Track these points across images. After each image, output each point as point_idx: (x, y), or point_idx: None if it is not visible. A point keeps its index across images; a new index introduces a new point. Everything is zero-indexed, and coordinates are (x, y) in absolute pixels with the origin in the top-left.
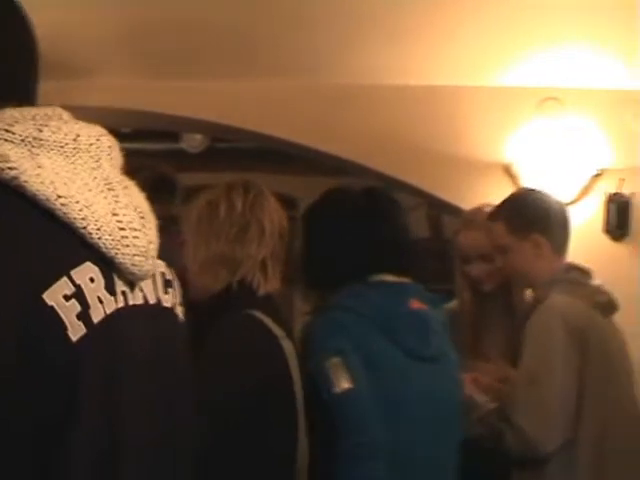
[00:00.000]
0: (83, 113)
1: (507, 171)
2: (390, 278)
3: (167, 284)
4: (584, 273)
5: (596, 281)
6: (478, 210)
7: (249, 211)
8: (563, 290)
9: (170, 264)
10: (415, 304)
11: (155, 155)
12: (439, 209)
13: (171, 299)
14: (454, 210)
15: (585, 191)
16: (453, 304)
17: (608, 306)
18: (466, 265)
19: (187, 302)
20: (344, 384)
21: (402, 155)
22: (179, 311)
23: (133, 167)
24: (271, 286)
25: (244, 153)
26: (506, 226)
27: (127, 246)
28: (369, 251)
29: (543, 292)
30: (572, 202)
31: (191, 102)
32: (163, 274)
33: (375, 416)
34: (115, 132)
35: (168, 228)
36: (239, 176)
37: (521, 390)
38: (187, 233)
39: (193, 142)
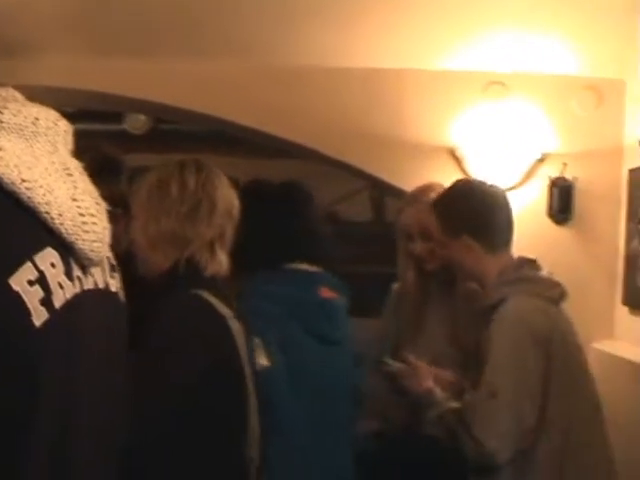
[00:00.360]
0: (26, 92)
1: (452, 154)
2: (302, 267)
3: (112, 269)
4: (534, 266)
5: (545, 272)
6: (423, 188)
7: (201, 190)
8: (519, 289)
9: (113, 248)
10: (325, 292)
11: (98, 136)
12: (383, 192)
13: (116, 284)
14: (398, 193)
15: (528, 175)
16: (397, 285)
17: (561, 297)
18: (409, 243)
19: (136, 277)
20: (262, 361)
21: (346, 138)
22: (122, 295)
23: (78, 148)
24: (218, 267)
25: (189, 135)
26: (439, 224)
27: (87, 232)
28: (283, 241)
29: (496, 292)
30: (515, 186)
31: (136, 82)
32: (108, 258)
33: (288, 393)
34: (59, 112)
35: (114, 210)
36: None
37: (481, 402)
38: (136, 209)
39: (136, 123)
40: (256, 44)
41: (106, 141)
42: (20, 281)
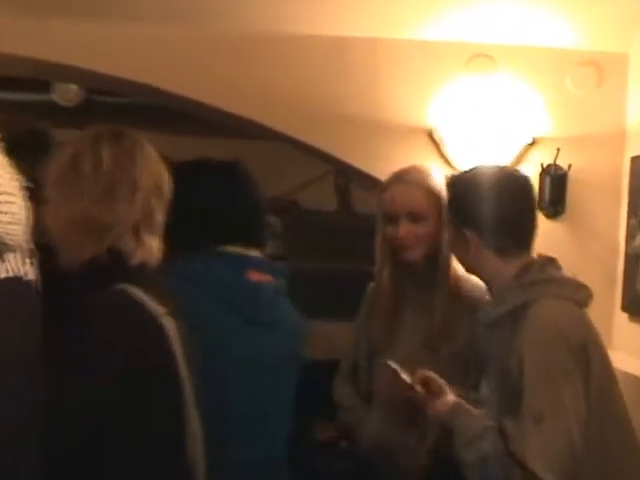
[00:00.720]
0: None
1: (429, 137)
2: (234, 249)
3: (30, 254)
4: (556, 265)
5: (567, 273)
6: (411, 168)
7: (118, 165)
8: (546, 292)
9: (36, 231)
10: (254, 275)
11: (23, 107)
12: (349, 179)
13: (32, 271)
14: (367, 180)
15: (517, 162)
16: (372, 286)
17: (588, 301)
18: (391, 226)
19: (56, 270)
20: None
21: (309, 116)
22: (38, 284)
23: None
24: (147, 254)
25: (126, 109)
26: (448, 207)
27: (2, 213)
28: (216, 222)
29: (515, 296)
30: None
31: (66, 47)
32: (26, 242)
33: (204, 378)
34: None
35: (37, 190)
36: None
37: (529, 430)
38: (48, 190)
39: (66, 94)
40: (206, 8)
41: (32, 113)
42: None
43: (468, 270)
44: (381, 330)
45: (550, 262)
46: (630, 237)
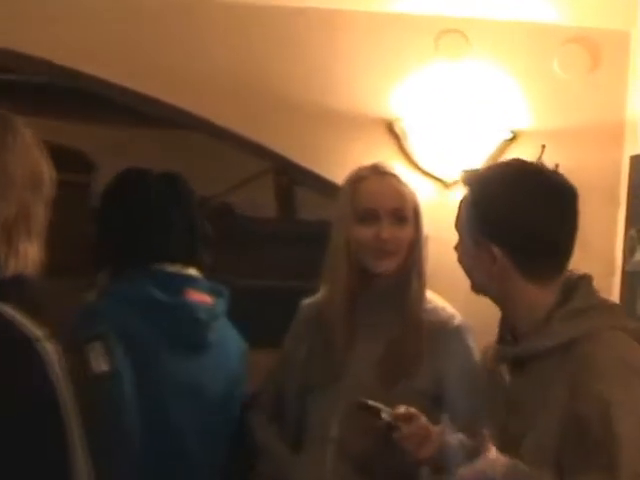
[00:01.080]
0: None
1: (390, 130)
2: (170, 268)
3: None
4: (592, 289)
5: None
6: (381, 162)
7: None
8: (605, 323)
9: None
10: (193, 295)
11: None
12: (292, 178)
13: None
14: (313, 180)
15: (494, 160)
16: (308, 301)
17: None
18: (368, 226)
19: None
20: (102, 366)
21: (245, 102)
22: None
23: None
24: (22, 263)
25: (25, 89)
26: (467, 215)
27: None
28: (151, 240)
29: (561, 329)
30: None
31: None
32: None
33: (131, 400)
34: None
35: None
36: None
37: None
38: None
39: None
40: None
41: None
42: None
43: (487, 295)
44: (327, 360)
45: (591, 282)
46: (629, 252)
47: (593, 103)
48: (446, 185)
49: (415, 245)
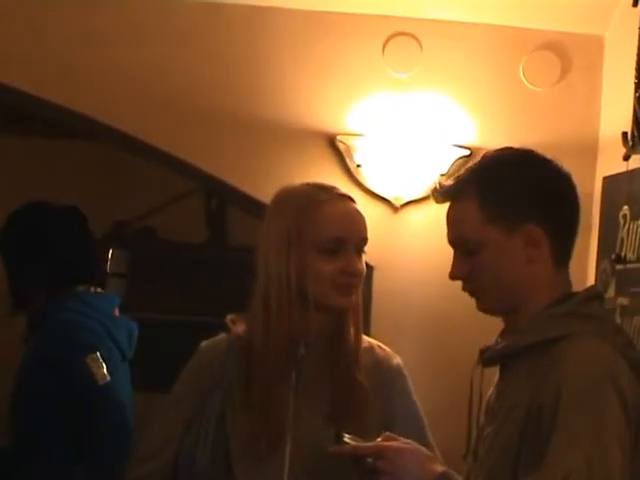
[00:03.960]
0: None
1: (330, 144)
2: (95, 290)
3: None
4: (603, 304)
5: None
6: (335, 185)
7: None
8: (585, 330)
9: None
10: (117, 312)
11: None
12: (223, 200)
13: None
14: (244, 203)
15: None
16: (206, 343)
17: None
18: (329, 258)
19: None
20: (105, 376)
21: (167, 115)
22: None
23: None
24: None
25: None
26: (481, 208)
27: None
28: (73, 264)
29: (550, 326)
30: (429, 196)
31: None
32: None
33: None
34: None
35: None
36: None
37: None
38: None
39: None
40: None
41: None
42: None
43: (504, 302)
44: (262, 417)
45: (598, 297)
46: (602, 286)
47: (563, 116)
48: (395, 208)
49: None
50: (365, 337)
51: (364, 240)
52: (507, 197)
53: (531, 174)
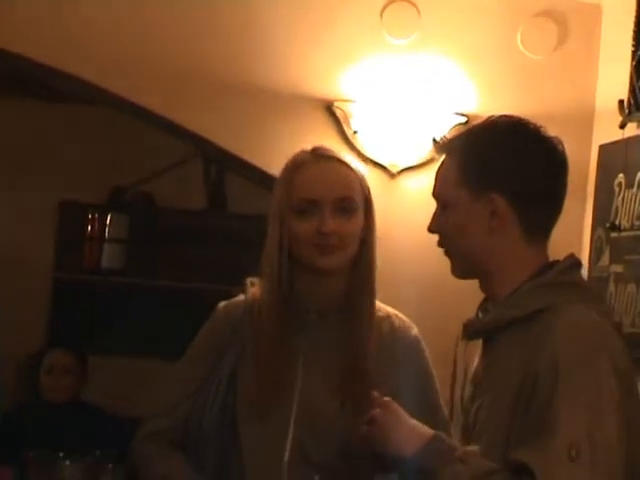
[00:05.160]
0: None
1: (329, 112)
2: None
3: None
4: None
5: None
6: (323, 145)
7: None
8: (573, 298)
9: None
10: None
11: None
12: (224, 167)
13: None
14: (243, 168)
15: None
16: (225, 303)
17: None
18: (308, 219)
19: None
20: None
21: (165, 80)
22: None
23: None
24: None
25: None
26: (459, 167)
27: None
28: None
29: (532, 298)
30: (424, 164)
31: None
32: None
33: None
34: None
35: None
36: None
37: (561, 469)
38: None
39: None
40: None
41: None
42: None
43: (472, 269)
44: (267, 377)
45: (578, 265)
46: (595, 254)
47: (559, 84)
48: (391, 175)
49: (366, 239)
50: (383, 306)
51: (344, 200)
52: (483, 162)
53: (513, 144)
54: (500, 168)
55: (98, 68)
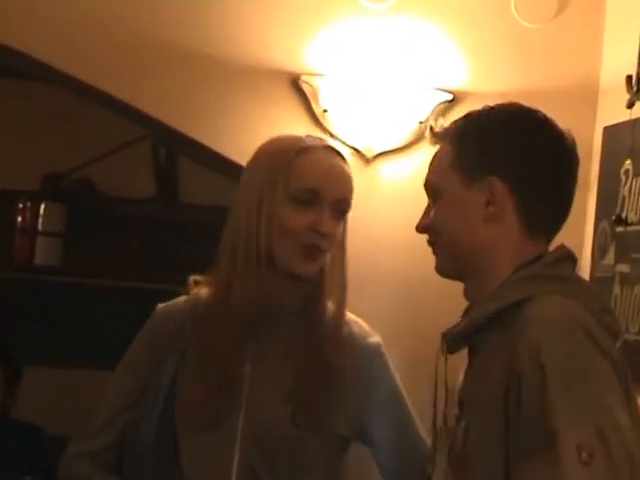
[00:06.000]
0: None
1: (295, 87)
2: None
3: None
4: (575, 268)
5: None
6: (309, 136)
7: None
8: (552, 289)
9: None
10: None
11: None
12: (174, 149)
13: None
14: (197, 152)
15: (428, 127)
16: (163, 306)
17: (616, 333)
18: (300, 210)
19: None
20: None
21: (109, 52)
22: None
23: None
24: None
25: None
26: (452, 151)
27: None
28: None
29: (513, 290)
30: (407, 146)
31: None
32: None
33: None
34: None
35: None
36: None
37: (575, 475)
38: None
39: None
40: None
41: None
42: None
43: (459, 263)
44: (206, 387)
45: (569, 258)
46: (599, 251)
47: (559, 57)
48: (366, 160)
49: (342, 245)
50: (355, 319)
51: (343, 201)
52: (482, 145)
53: (515, 128)
54: (500, 151)
55: (22, 33)
